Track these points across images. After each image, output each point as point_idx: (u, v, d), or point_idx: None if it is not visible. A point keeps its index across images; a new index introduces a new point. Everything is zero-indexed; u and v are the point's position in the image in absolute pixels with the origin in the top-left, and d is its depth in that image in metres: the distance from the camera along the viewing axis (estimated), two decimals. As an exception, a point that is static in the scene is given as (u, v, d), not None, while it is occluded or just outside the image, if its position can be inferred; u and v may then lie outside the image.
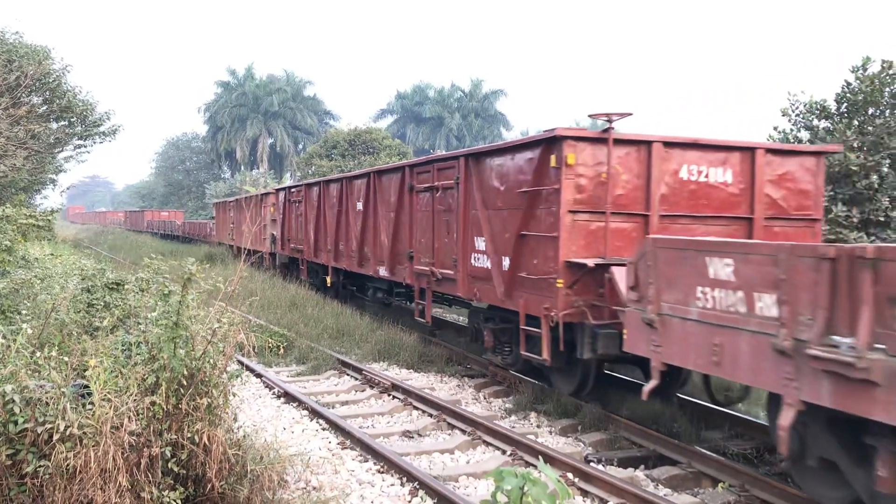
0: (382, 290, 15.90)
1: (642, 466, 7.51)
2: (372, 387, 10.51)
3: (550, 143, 8.72)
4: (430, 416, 9.08)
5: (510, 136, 74.75)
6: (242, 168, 68.27)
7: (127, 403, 4.90)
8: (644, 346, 7.05)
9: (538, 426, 8.85)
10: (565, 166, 8.44)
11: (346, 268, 16.50)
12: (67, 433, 4.66)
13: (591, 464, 7.36)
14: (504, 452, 7.70)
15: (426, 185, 12.18)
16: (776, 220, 9.46)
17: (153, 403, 4.98)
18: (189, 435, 5.08)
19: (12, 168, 21.29)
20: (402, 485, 6.76)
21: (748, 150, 9.29)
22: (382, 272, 14.14)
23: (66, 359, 5.33)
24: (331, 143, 47.29)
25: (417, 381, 10.96)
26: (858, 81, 13.33)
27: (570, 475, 6.82)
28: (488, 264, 10.17)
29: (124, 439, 4.75)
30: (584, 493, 6.64)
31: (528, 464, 7.39)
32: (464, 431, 8.41)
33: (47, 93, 26.78)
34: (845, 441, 5.58)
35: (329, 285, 17.70)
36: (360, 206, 15.32)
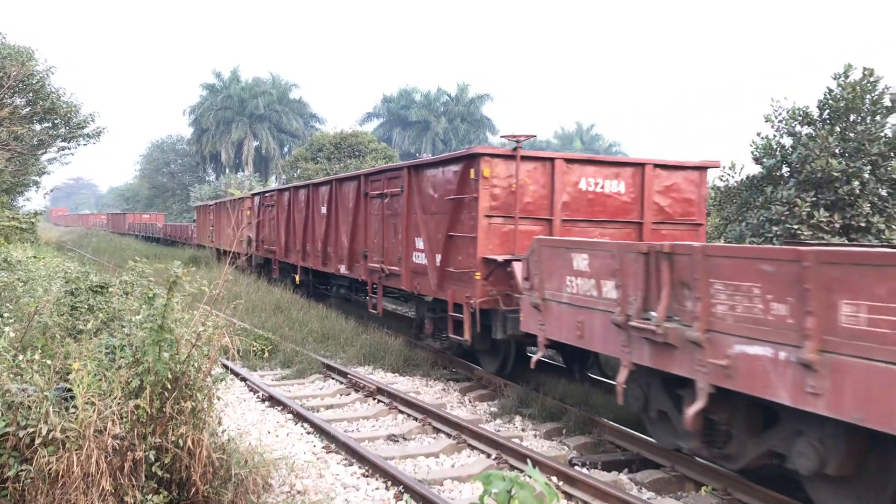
0: (344, 287, 17.00)
1: (626, 470, 7.55)
2: (357, 390, 10.50)
3: (470, 158, 10.26)
4: (416, 419, 9.09)
5: (496, 140, 74.99)
6: (227, 171, 68.04)
7: (111, 407, 4.88)
8: (534, 326, 8.66)
9: (523, 429, 8.88)
10: (482, 178, 9.96)
11: (313, 267, 17.63)
12: (50, 437, 4.64)
13: (576, 467, 7.38)
14: (489, 456, 7.72)
15: (378, 192, 13.53)
16: (663, 225, 10.99)
17: (137, 407, 4.97)
18: (173, 439, 5.07)
19: (-5, 170, 21.13)
20: (387, 488, 6.76)
21: (639, 166, 10.85)
22: (343, 270, 15.37)
23: (48, 362, 5.29)
24: (316, 147, 47.22)
25: (402, 384, 10.96)
26: (840, 88, 13.46)
27: (554, 478, 6.84)
28: (425, 261, 11.59)
29: (108, 443, 4.73)
30: (569, 497, 6.66)
31: (513, 467, 7.41)
32: (449, 435, 8.42)
33: (31, 94, 26.62)
34: (671, 395, 6.99)
35: (298, 283, 18.72)
36: (324, 210, 16.59)
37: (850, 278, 4.78)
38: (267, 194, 22.66)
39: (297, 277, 18.71)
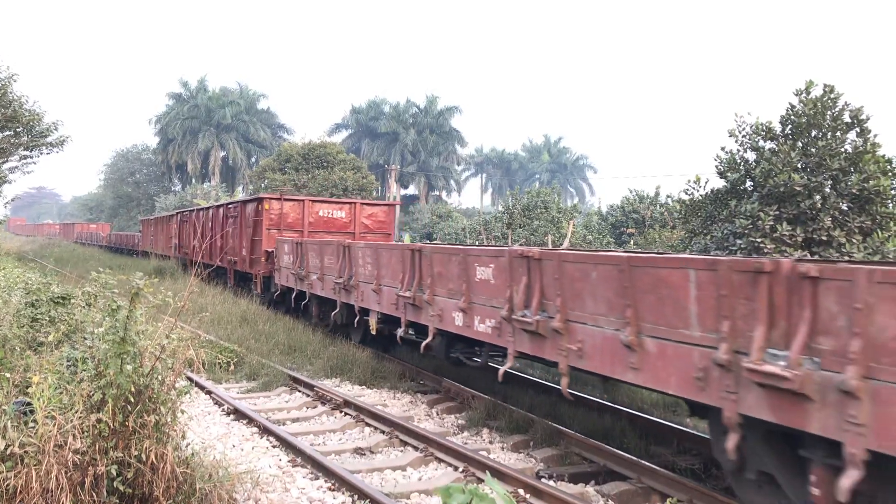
0: (222, 274, 23.81)
1: (593, 482, 7.57)
2: (324, 403, 10.43)
3: (260, 200, 20.02)
4: (383, 432, 9.04)
5: (465, 152, 75.24)
6: (194, 181, 67.43)
7: (72, 421, 4.79)
8: (293, 286, 16.53)
9: (490, 442, 8.87)
10: (265, 210, 19.38)
11: (207, 262, 24.44)
12: (8, 452, 4.55)
13: (543, 479, 7.39)
14: (456, 469, 7.70)
15: (231, 215, 22.89)
16: (367, 234, 20.37)
17: (99, 421, 4.88)
18: (136, 453, 4.98)
19: (-46, 178, 20.71)
20: (354, 502, 6.71)
21: (352, 204, 20.78)
22: (217, 262, 23.36)
23: (7, 375, 5.20)
24: (284, 157, 47.06)
25: (370, 397, 10.91)
26: (802, 104, 13.70)
27: (521, 491, 6.84)
28: (245, 253, 20.79)
29: (68, 458, 4.65)
30: (536, 509, 6.66)
31: (479, 480, 7.39)
32: (416, 448, 8.39)
33: (-8, 102, 26.16)
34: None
35: (196, 275, 25.04)
36: (210, 224, 25.40)
37: (645, 278, 6.14)
38: (185, 213, 30.64)
39: (194, 270, 24.55)
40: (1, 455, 4.52)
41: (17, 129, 28.33)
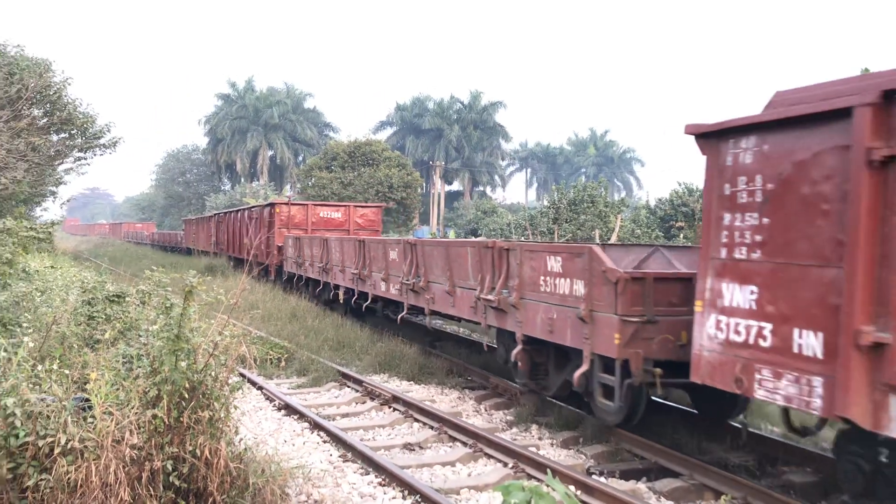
0: (247, 263, 27.37)
1: (644, 479, 7.48)
2: (373, 399, 10.49)
3: (272, 205, 25.07)
4: (432, 428, 9.06)
5: (509, 147, 75.01)
6: (243, 180, 68.39)
7: (128, 416, 4.89)
8: (294, 271, 20.91)
9: (539, 438, 8.82)
10: (276, 213, 24.19)
11: (236, 255, 29.68)
12: (69, 446, 4.65)
13: (593, 476, 7.33)
14: (506, 465, 7.67)
15: (254, 216, 27.42)
16: (359, 231, 23.99)
17: (154, 416, 4.97)
18: (190, 448, 5.06)
19: (13, 180, 21.32)
20: (404, 498, 6.73)
21: (347, 206, 25.58)
22: (243, 255, 27.46)
23: (67, 372, 5.32)
24: (330, 155, 47.41)
25: (418, 392, 10.94)
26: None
27: (571, 488, 6.79)
28: (264, 247, 24.73)
29: (125, 453, 4.74)
30: (587, 506, 6.60)
31: (529, 476, 7.36)
32: (465, 444, 8.38)
33: (48, 105, 26.82)
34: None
35: (232, 264, 29.75)
36: (238, 224, 29.99)
37: (452, 253, 11.08)
38: (219, 214, 36.13)
39: (229, 261, 30.14)
40: (62, 449, 4.63)
41: (72, 132, 29.01)
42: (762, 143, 5.97)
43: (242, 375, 10.92)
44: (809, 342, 5.50)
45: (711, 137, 6.49)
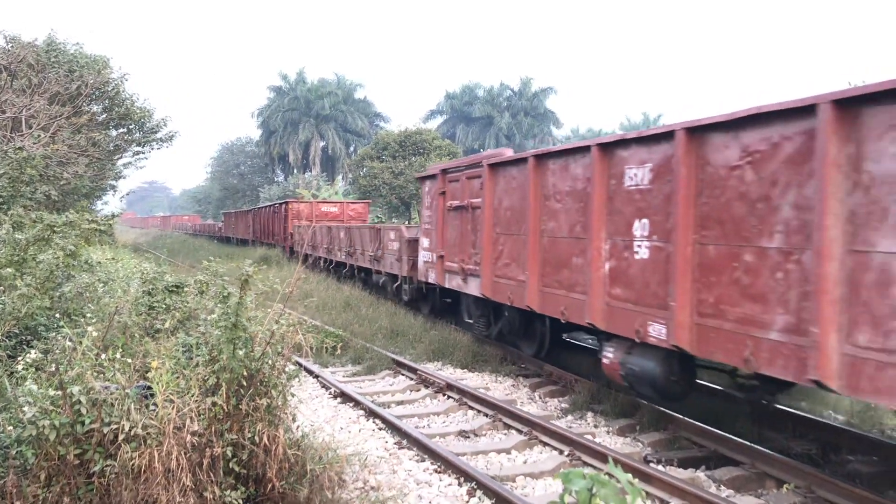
0: (300, 254, 31.32)
1: (703, 467, 7.37)
2: (427, 386, 10.52)
3: (286, 202, 34.52)
4: (486, 415, 9.05)
5: (560, 133, 74.32)
6: (295, 171, 69.11)
7: (189, 404, 4.97)
8: (298, 249, 30.39)
9: (595, 426, 8.75)
10: (290, 209, 33.39)
11: (268, 241, 36.79)
12: (132, 433, 4.75)
13: (651, 464, 7.24)
14: (561, 452, 7.63)
15: (276, 211, 36.39)
16: (352, 221, 31.62)
17: (214, 404, 5.05)
18: (249, 435, 5.13)
19: (75, 175, 21.88)
20: (460, 485, 6.74)
21: (342, 203, 34.96)
22: (272, 241, 35.94)
23: (129, 360, 5.43)
24: (381, 145, 47.59)
25: (472, 380, 10.93)
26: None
27: (629, 475, 6.70)
28: (280, 234, 34.59)
29: (187, 439, 4.82)
30: (645, 495, 6.52)
31: (585, 464, 7.30)
32: (520, 431, 8.36)
33: (106, 101, 27.47)
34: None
35: (260, 245, 37.17)
36: (268, 217, 38.28)
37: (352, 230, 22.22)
38: (255, 209, 43.54)
39: (262, 247, 35.92)
40: (126, 436, 4.73)
41: (130, 127, 29.69)
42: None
43: (298, 364, 11.05)
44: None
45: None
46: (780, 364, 6.03)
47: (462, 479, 6.82)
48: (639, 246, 7.89)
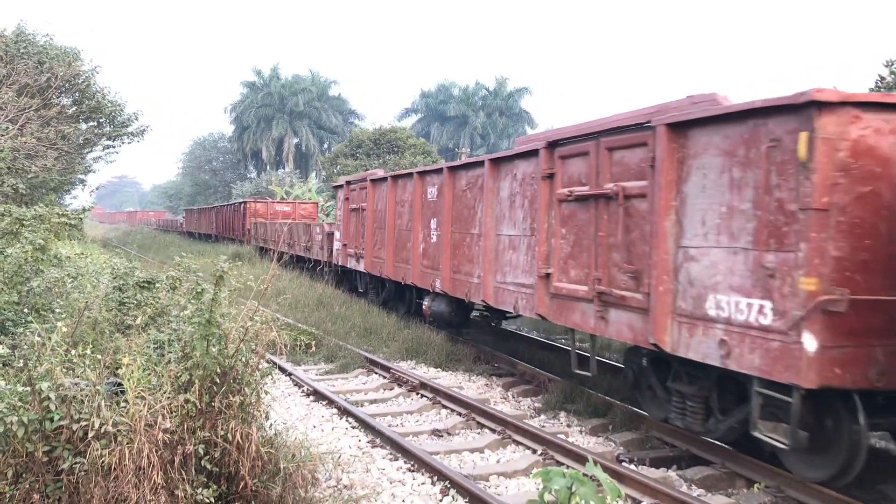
0: (235, 240, 37.17)
1: (675, 466, 7.43)
2: (400, 385, 10.50)
3: (245, 202, 39.59)
4: (460, 414, 9.05)
5: (535, 132, 74.39)
6: (268, 168, 68.68)
7: (160, 401, 4.91)
8: (254, 243, 33.79)
9: (568, 425, 8.79)
10: (248, 207, 38.18)
11: (228, 235, 40.84)
12: (102, 430, 4.68)
13: (623, 463, 7.29)
14: (535, 452, 7.65)
15: (236, 209, 40.85)
16: (303, 219, 34.62)
17: (186, 401, 4.99)
18: (222, 433, 5.08)
19: (43, 168, 21.56)
20: (433, 483, 6.73)
21: (294, 203, 40.10)
22: (232, 235, 39.31)
23: (99, 357, 5.34)
24: (356, 143, 47.41)
25: (445, 379, 10.93)
26: (893, 76, 13.09)
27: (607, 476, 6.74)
28: (240, 229, 38.90)
29: (158, 437, 4.77)
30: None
31: (559, 463, 7.32)
32: (493, 430, 8.36)
33: (77, 94, 27.08)
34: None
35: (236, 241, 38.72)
36: (230, 214, 41.86)
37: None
38: (218, 207, 47.86)
39: (225, 241, 39.44)
40: (96, 433, 4.66)
41: (101, 120, 29.28)
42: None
43: (272, 361, 10.98)
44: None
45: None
46: (476, 295, 11.35)
47: (435, 478, 6.81)
48: (433, 234, 13.05)
